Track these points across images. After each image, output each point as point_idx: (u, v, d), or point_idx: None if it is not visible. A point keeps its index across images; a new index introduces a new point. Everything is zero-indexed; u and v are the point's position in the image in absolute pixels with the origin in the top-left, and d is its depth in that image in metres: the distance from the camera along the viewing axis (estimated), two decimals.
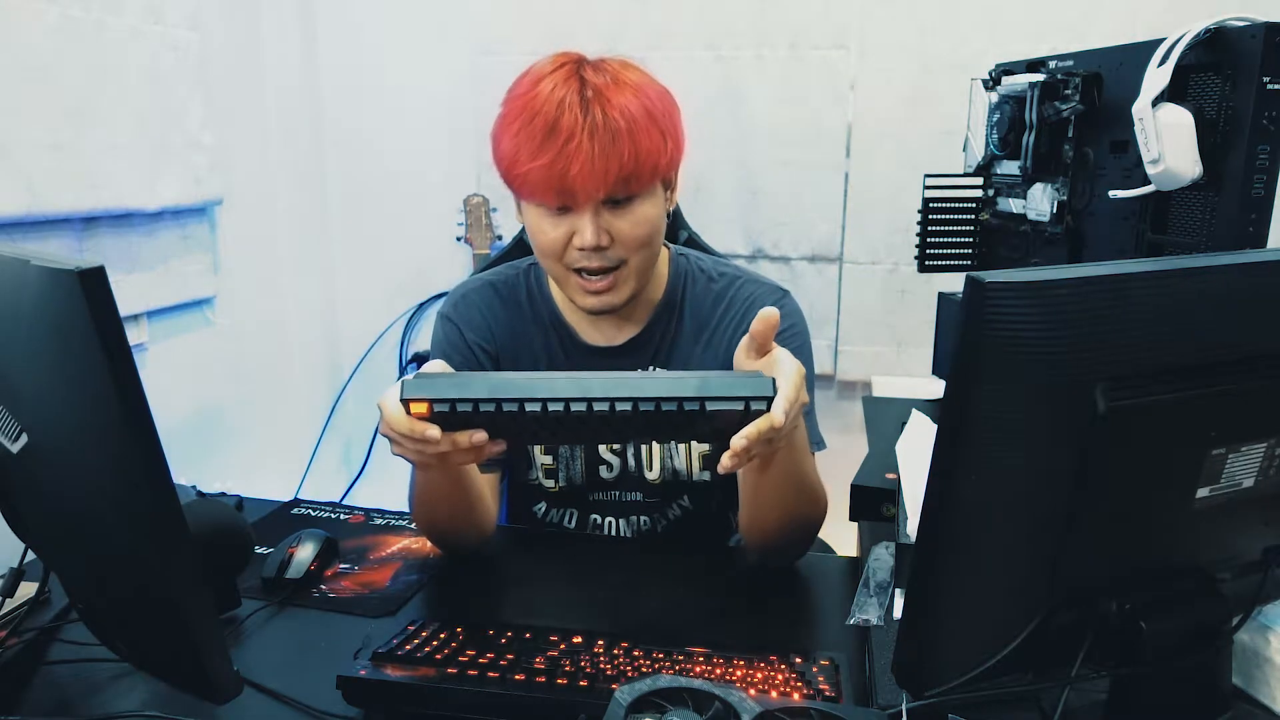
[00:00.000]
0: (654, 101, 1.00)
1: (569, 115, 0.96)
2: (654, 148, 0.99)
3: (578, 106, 0.96)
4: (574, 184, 0.96)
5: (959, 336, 0.54)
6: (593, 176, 0.95)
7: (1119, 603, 0.65)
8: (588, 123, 0.95)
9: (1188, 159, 0.93)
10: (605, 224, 1.00)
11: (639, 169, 0.98)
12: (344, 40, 2.34)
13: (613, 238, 1.00)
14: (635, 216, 1.01)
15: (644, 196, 1.01)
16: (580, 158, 0.95)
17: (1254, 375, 0.61)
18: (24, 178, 1.48)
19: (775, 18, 2.06)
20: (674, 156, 1.03)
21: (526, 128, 0.97)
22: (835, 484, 1.18)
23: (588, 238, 0.99)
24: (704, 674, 0.77)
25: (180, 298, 1.92)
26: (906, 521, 0.92)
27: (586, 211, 0.99)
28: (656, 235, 1.05)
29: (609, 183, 0.96)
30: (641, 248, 1.03)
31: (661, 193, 1.05)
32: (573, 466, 1.16)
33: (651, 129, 0.98)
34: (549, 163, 0.95)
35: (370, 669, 0.78)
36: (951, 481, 0.56)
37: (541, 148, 0.96)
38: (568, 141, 0.95)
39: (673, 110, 1.04)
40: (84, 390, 0.59)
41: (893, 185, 2.06)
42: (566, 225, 1.00)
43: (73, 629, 0.88)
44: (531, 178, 0.97)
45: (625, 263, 1.03)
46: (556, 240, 1.01)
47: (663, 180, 1.05)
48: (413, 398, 0.76)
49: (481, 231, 2.20)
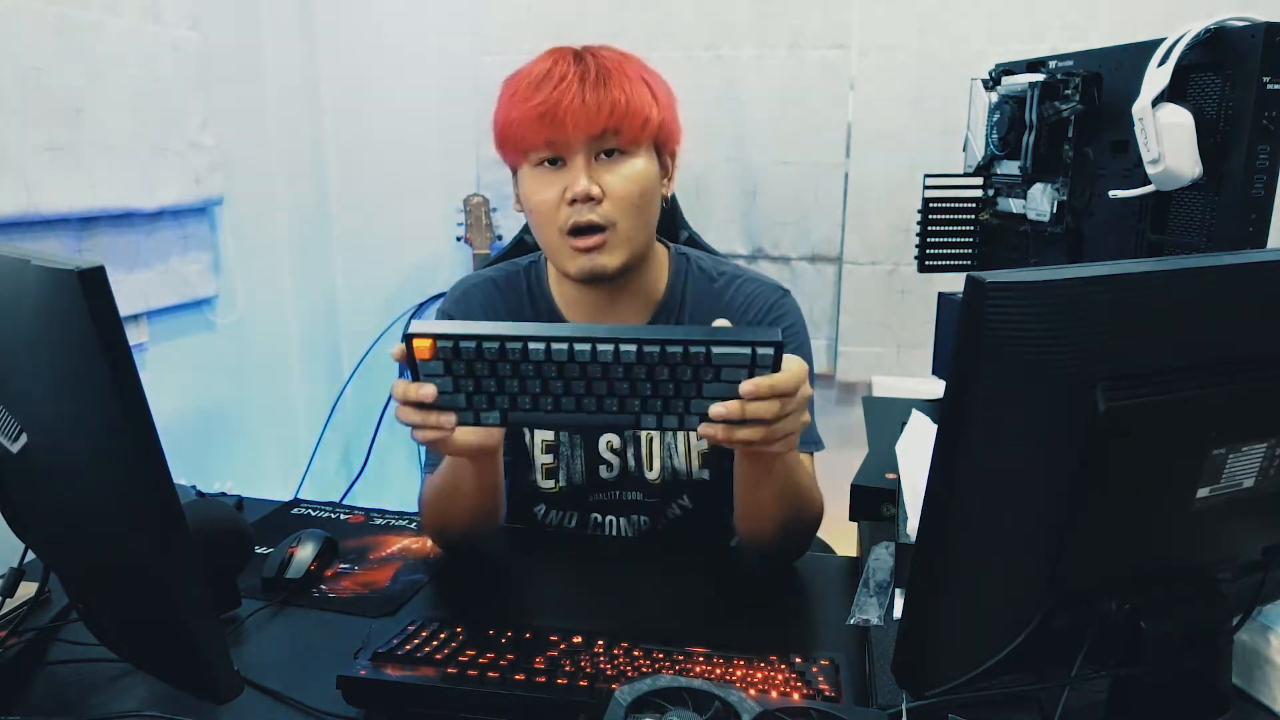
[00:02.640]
0: (646, 70, 1.06)
1: (561, 65, 1.02)
2: (644, 101, 1.02)
3: (570, 58, 1.02)
4: (564, 119, 0.98)
5: (959, 336, 0.54)
6: (583, 111, 0.98)
7: (1119, 603, 0.65)
8: (579, 69, 1.01)
9: (1188, 159, 0.93)
10: (597, 176, 1.01)
11: (630, 115, 1.00)
12: (344, 40, 2.34)
13: (605, 191, 1.02)
14: (626, 171, 1.02)
15: (635, 154, 1.03)
16: (570, 93, 0.99)
17: (1254, 375, 0.61)
18: (22, 178, 1.48)
19: (775, 18, 2.06)
20: (665, 124, 1.06)
21: (520, 88, 1.02)
22: (835, 484, 1.18)
23: (581, 184, 1.00)
24: (704, 674, 0.77)
25: (180, 298, 1.92)
26: (906, 521, 0.92)
27: (578, 158, 1.01)
28: (648, 200, 1.05)
29: (598, 125, 0.99)
30: (632, 208, 1.03)
31: (654, 158, 1.06)
32: (573, 466, 1.16)
33: (641, 86, 1.03)
34: (540, 101, 0.99)
35: (370, 669, 0.78)
36: (951, 481, 0.56)
37: (534, 92, 1.00)
38: (559, 83, 0.99)
39: (666, 87, 1.07)
40: (84, 390, 0.59)
41: (893, 185, 2.06)
42: (560, 182, 1.02)
43: (73, 629, 0.88)
44: (525, 119, 1.00)
45: (615, 225, 1.03)
46: (549, 200, 1.02)
47: (655, 145, 1.06)
48: (416, 334, 0.76)
49: (481, 231, 2.20)
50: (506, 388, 0.78)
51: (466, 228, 2.21)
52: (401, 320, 2.44)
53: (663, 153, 1.09)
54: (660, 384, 0.77)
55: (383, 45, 2.32)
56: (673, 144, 1.10)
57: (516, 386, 0.78)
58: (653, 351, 0.75)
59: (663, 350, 0.74)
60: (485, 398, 0.79)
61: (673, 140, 1.09)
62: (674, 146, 1.10)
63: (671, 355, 0.75)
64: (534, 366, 0.76)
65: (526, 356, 0.75)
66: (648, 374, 0.77)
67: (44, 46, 1.52)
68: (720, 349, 0.75)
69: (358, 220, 2.45)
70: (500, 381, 0.78)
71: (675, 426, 0.78)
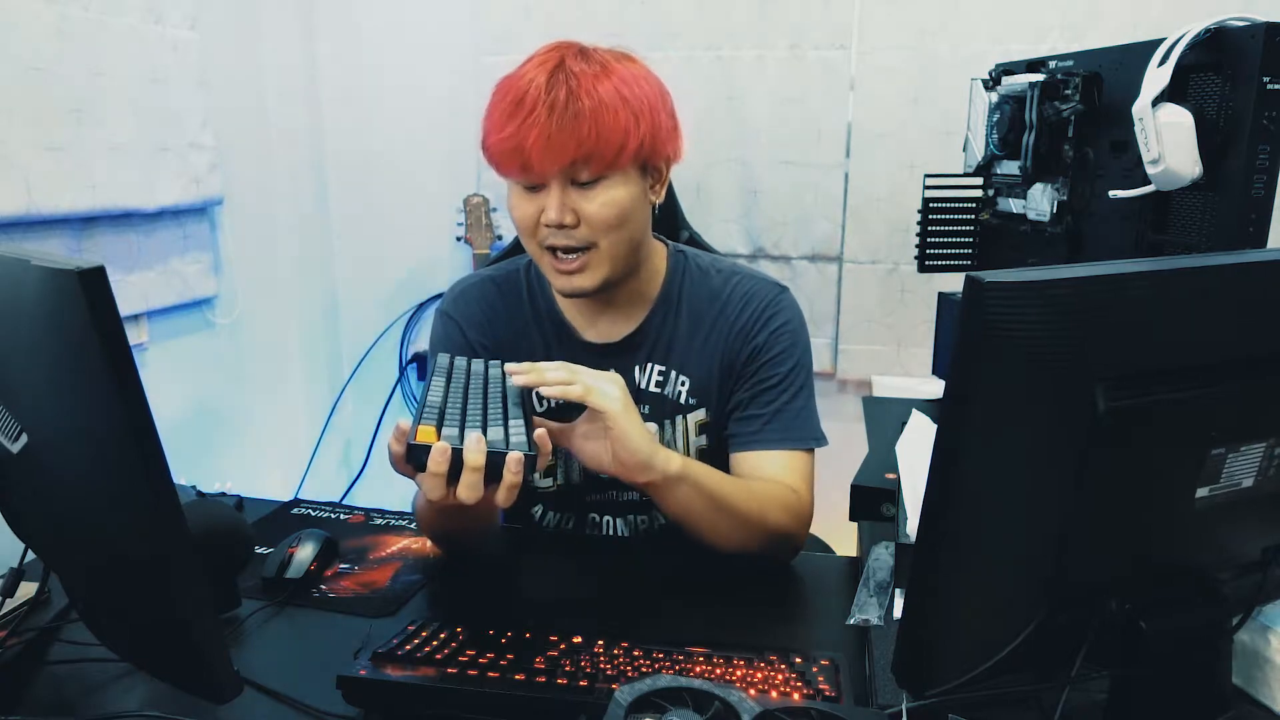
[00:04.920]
0: (632, 87, 1.01)
1: (533, 91, 0.98)
2: (620, 130, 0.98)
3: (543, 84, 0.98)
4: (530, 156, 0.98)
5: (959, 336, 0.54)
6: (549, 150, 0.97)
7: (1119, 603, 0.65)
8: (549, 99, 0.97)
9: (1188, 159, 0.93)
10: (572, 203, 1.01)
11: (600, 149, 0.98)
12: (344, 40, 2.34)
13: (580, 218, 1.01)
14: (603, 198, 1.01)
15: (613, 179, 1.01)
16: (535, 130, 0.96)
17: (1254, 375, 0.61)
18: (22, 178, 1.48)
19: (775, 18, 2.06)
20: (650, 143, 1.02)
21: (499, 104, 1.01)
22: (835, 484, 1.19)
23: (551, 214, 1.00)
24: (704, 674, 0.77)
25: (180, 298, 1.92)
26: (906, 521, 0.92)
27: (553, 188, 1.00)
28: (628, 220, 1.04)
29: (564, 159, 0.98)
30: (610, 230, 1.02)
31: (637, 178, 1.04)
32: (570, 465, 1.16)
33: (621, 111, 0.99)
34: (510, 134, 0.98)
35: (370, 669, 0.78)
36: (951, 481, 0.56)
37: (506, 121, 0.99)
38: (528, 115, 0.97)
39: (655, 98, 1.03)
40: (84, 390, 0.59)
41: (893, 185, 2.06)
42: (537, 203, 1.02)
43: (73, 629, 0.88)
44: (496, 149, 1.00)
45: (596, 245, 1.03)
46: (528, 216, 1.03)
47: (642, 166, 1.04)
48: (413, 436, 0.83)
49: (481, 231, 2.20)
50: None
51: (466, 228, 2.21)
52: (401, 320, 2.44)
53: (649, 167, 1.06)
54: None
55: (383, 45, 2.32)
56: (660, 157, 1.06)
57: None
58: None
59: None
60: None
61: (660, 154, 1.05)
62: (665, 157, 1.06)
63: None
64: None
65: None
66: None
67: (44, 46, 1.52)
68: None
69: (358, 220, 2.45)
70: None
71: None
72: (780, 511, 1.04)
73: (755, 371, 1.11)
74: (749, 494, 1.03)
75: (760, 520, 1.02)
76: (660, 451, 0.97)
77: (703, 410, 1.14)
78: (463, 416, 0.87)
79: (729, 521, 1.00)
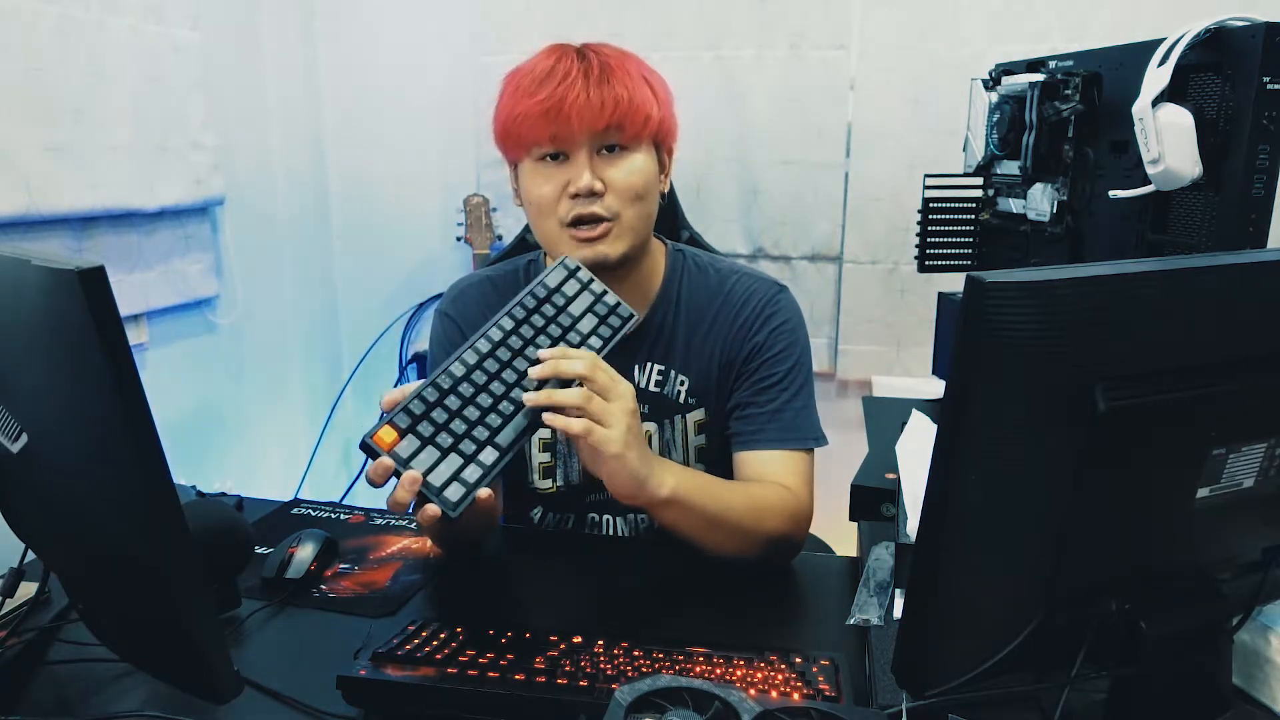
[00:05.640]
0: (646, 69, 1.07)
1: (565, 61, 1.02)
2: (645, 98, 1.03)
3: (574, 56, 1.03)
4: (569, 115, 0.99)
5: (959, 336, 0.54)
6: (588, 107, 0.99)
7: (1119, 603, 0.65)
8: (583, 66, 1.02)
9: (1188, 159, 0.93)
10: (599, 171, 1.02)
11: (632, 112, 1.01)
12: (344, 40, 2.34)
13: (607, 185, 1.02)
14: (629, 165, 1.03)
15: (636, 149, 1.04)
16: (575, 90, 0.99)
17: (1254, 375, 0.61)
18: (22, 178, 1.48)
19: (775, 18, 2.07)
20: (665, 122, 1.07)
21: (525, 84, 1.02)
22: (835, 484, 1.19)
23: (583, 180, 1.01)
24: (704, 674, 0.77)
25: (181, 298, 1.92)
26: (906, 521, 0.92)
27: (581, 154, 1.02)
28: (648, 194, 1.06)
29: (603, 120, 1.00)
30: (634, 200, 1.04)
31: (653, 154, 1.07)
32: (570, 465, 1.16)
33: (642, 84, 1.04)
34: (545, 97, 1.00)
35: (370, 669, 0.78)
36: (951, 481, 0.56)
37: (539, 88, 1.01)
38: (563, 79, 1.00)
39: (665, 86, 1.08)
40: (84, 390, 0.59)
41: (893, 185, 2.06)
42: (561, 176, 1.03)
43: (73, 629, 0.87)
44: (529, 115, 1.01)
45: (619, 217, 1.04)
46: (550, 194, 1.03)
47: (655, 143, 1.07)
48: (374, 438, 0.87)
49: (481, 231, 2.21)
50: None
51: (466, 228, 2.21)
52: (401, 320, 2.44)
53: (661, 149, 1.10)
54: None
55: (383, 45, 2.32)
56: (670, 141, 1.11)
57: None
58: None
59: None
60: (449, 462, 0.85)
61: (670, 137, 1.10)
62: (671, 144, 1.11)
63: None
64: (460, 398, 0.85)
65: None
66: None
67: (44, 46, 1.52)
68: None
69: (358, 220, 2.45)
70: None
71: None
72: (777, 517, 1.04)
73: (755, 370, 1.11)
74: (746, 503, 1.03)
75: (757, 529, 1.02)
76: (653, 476, 0.93)
77: (702, 410, 1.14)
78: (439, 429, 0.86)
79: (724, 534, 1.00)
